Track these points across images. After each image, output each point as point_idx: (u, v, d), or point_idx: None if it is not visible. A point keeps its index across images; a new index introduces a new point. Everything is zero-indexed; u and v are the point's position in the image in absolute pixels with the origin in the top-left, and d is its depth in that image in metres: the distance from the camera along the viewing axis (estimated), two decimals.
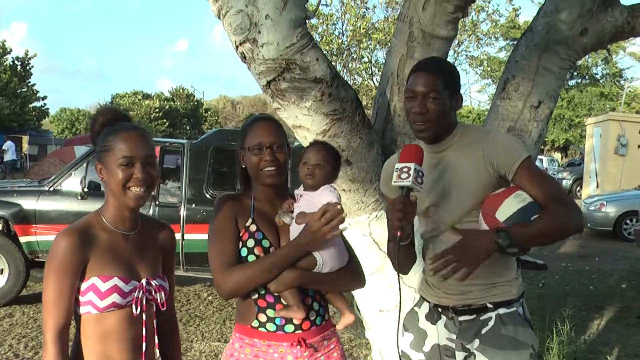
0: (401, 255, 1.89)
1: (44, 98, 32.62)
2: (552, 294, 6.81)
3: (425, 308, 2.11)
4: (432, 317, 2.08)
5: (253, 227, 1.87)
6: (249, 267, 1.79)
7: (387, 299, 2.95)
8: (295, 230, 1.83)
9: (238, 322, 1.90)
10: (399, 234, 1.79)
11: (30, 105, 31.68)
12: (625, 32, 3.01)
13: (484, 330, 1.96)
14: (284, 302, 1.83)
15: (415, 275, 2.93)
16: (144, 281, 1.73)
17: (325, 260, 1.82)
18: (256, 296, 1.85)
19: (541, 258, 6.74)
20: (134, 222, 1.78)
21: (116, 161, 1.67)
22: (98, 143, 1.74)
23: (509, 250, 1.78)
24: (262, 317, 1.84)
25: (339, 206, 1.77)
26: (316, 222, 1.74)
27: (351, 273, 1.94)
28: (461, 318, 2.01)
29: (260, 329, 1.83)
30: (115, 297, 1.65)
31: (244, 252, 1.84)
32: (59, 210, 5.87)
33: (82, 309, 1.66)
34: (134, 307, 1.68)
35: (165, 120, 36.92)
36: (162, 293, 1.77)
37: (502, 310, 1.96)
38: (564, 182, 20.65)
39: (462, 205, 1.95)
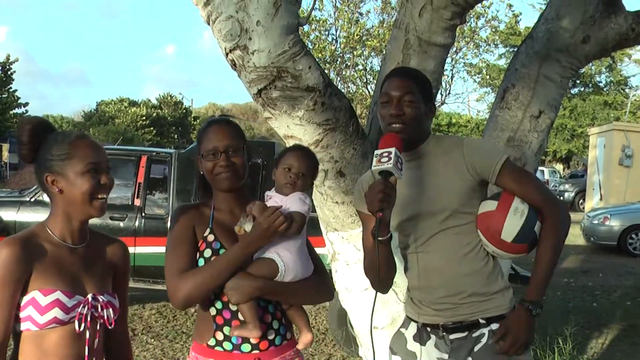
0: (381, 257, 1.82)
1: (26, 104, 31.56)
2: (554, 311, 6.67)
3: (412, 329, 2.03)
4: (421, 337, 2.00)
5: (211, 237, 1.81)
6: (201, 271, 1.73)
7: (381, 316, 2.85)
8: None
9: (195, 340, 1.85)
10: (379, 215, 1.73)
11: (11, 112, 30.73)
12: (629, 39, 2.95)
13: (476, 348, 1.90)
14: (241, 318, 1.76)
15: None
16: (89, 296, 1.63)
17: (287, 267, 1.77)
18: (214, 312, 1.79)
19: None
20: (82, 235, 1.70)
21: (82, 168, 1.61)
22: (48, 153, 1.64)
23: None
24: (219, 335, 1.79)
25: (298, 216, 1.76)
26: (265, 215, 1.71)
27: (317, 284, 1.88)
28: (452, 336, 1.94)
29: (216, 347, 1.78)
30: (56, 312, 1.56)
31: (201, 262, 1.78)
32: (40, 221, 5.69)
33: (21, 326, 1.56)
34: (76, 323, 1.58)
35: (152, 128, 36.45)
36: (111, 310, 1.68)
37: (494, 326, 1.91)
38: (567, 194, 20.55)
39: (446, 209, 1.91)
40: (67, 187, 1.62)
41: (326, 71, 12.62)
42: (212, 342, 1.78)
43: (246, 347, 1.77)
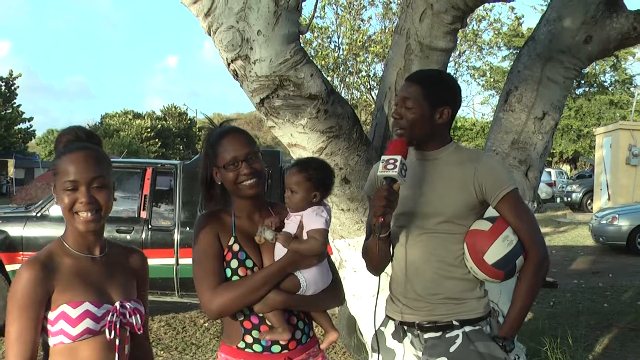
0: (381, 250, 1.96)
1: (30, 119, 31.61)
2: (564, 312, 6.62)
3: (391, 327, 2.08)
4: (399, 335, 2.05)
5: (236, 247, 1.84)
6: (236, 287, 1.78)
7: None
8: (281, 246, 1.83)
9: (224, 343, 1.88)
10: (381, 219, 1.85)
11: (16, 127, 30.66)
12: (631, 38, 2.93)
13: (452, 349, 1.94)
14: (269, 323, 1.82)
15: None
16: (117, 304, 1.64)
17: (309, 283, 1.83)
18: (242, 317, 1.83)
19: (552, 275, 6.55)
20: (99, 245, 1.70)
21: (62, 185, 1.60)
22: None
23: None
24: (249, 339, 1.83)
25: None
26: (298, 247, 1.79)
27: (331, 292, 1.94)
28: (426, 335, 1.98)
29: (246, 349, 1.83)
30: (88, 323, 1.56)
31: (227, 272, 1.82)
32: (47, 236, 5.57)
33: (54, 340, 1.57)
34: (107, 331, 1.59)
35: (157, 140, 36.43)
36: (138, 316, 1.68)
37: (467, 328, 1.96)
38: (574, 195, 20.35)
39: (441, 214, 1.96)
40: (58, 201, 1.64)
41: (330, 78, 12.64)
42: (241, 344, 1.83)
43: (276, 348, 1.82)
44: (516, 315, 1.95)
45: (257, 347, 1.82)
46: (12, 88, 30.53)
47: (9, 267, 5.69)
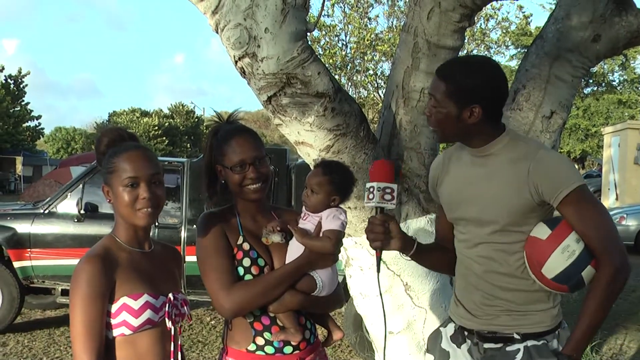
0: (427, 262, 2.04)
1: (39, 117, 32.17)
2: (572, 312, 6.51)
3: (450, 329, 1.99)
4: (457, 339, 1.95)
5: (246, 246, 1.84)
6: (253, 286, 1.77)
7: (396, 321, 2.83)
8: (295, 244, 1.83)
9: (230, 346, 1.86)
10: (377, 254, 1.83)
11: (24, 125, 31.27)
12: None
13: None
14: (280, 324, 1.82)
15: (425, 295, 2.82)
16: (170, 295, 1.72)
17: (324, 284, 1.84)
18: (252, 319, 1.82)
19: None
20: (148, 241, 1.79)
21: (121, 182, 1.66)
22: (103, 165, 1.72)
23: None
24: (260, 340, 1.82)
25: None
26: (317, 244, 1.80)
27: (336, 295, 1.95)
28: (486, 345, 1.85)
29: (258, 352, 1.81)
30: (149, 314, 1.64)
31: (240, 271, 1.81)
32: (54, 233, 5.71)
33: (114, 332, 1.63)
34: (167, 321, 1.67)
35: (164, 138, 36.73)
36: (188, 307, 1.79)
37: (530, 343, 1.79)
38: None
39: (494, 222, 1.79)
40: (114, 198, 1.69)
41: (337, 77, 12.64)
42: (252, 347, 1.81)
43: (288, 349, 1.82)
44: (582, 334, 1.70)
45: (269, 349, 1.80)
46: (21, 86, 30.75)
47: (16, 264, 5.72)
